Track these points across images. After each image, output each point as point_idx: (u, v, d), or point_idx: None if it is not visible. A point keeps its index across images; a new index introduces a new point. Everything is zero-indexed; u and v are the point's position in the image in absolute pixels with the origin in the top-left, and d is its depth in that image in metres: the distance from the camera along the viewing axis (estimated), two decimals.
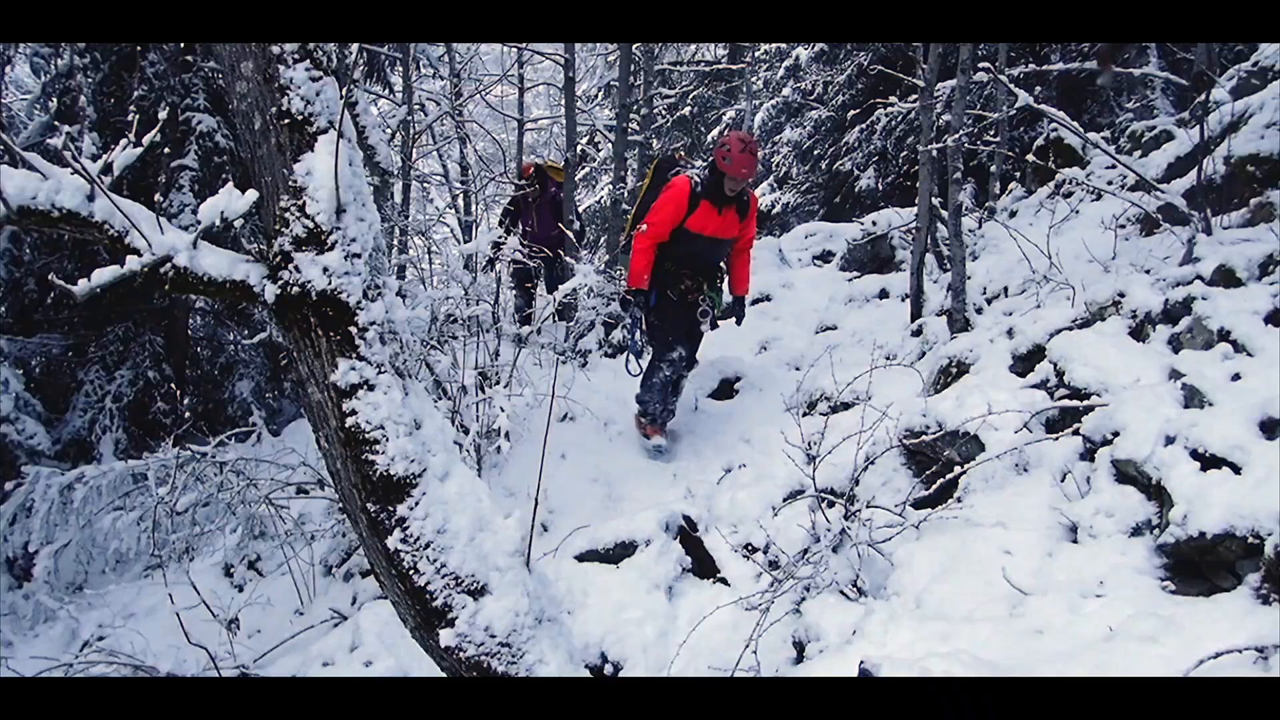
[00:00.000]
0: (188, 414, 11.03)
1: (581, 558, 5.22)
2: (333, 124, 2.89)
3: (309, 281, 2.86)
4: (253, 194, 2.77)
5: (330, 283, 2.88)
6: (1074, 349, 4.67)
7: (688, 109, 19.89)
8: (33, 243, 10.49)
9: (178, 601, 6.20)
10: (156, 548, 6.52)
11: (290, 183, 2.85)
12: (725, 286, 7.35)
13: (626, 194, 11.26)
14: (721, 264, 7.13)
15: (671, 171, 6.84)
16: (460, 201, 13.25)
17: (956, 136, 6.13)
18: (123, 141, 2.98)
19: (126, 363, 10.79)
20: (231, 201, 2.76)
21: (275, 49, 2.79)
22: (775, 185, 17.99)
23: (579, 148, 10.66)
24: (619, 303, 7.07)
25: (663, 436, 7.03)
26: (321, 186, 2.85)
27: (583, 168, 21.35)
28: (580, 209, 14.24)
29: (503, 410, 5.86)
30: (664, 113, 19.63)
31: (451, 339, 6.78)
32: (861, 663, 3.05)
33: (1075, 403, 4.35)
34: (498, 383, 6.61)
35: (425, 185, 14.16)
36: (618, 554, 5.19)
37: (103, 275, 2.73)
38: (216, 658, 5.78)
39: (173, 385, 10.81)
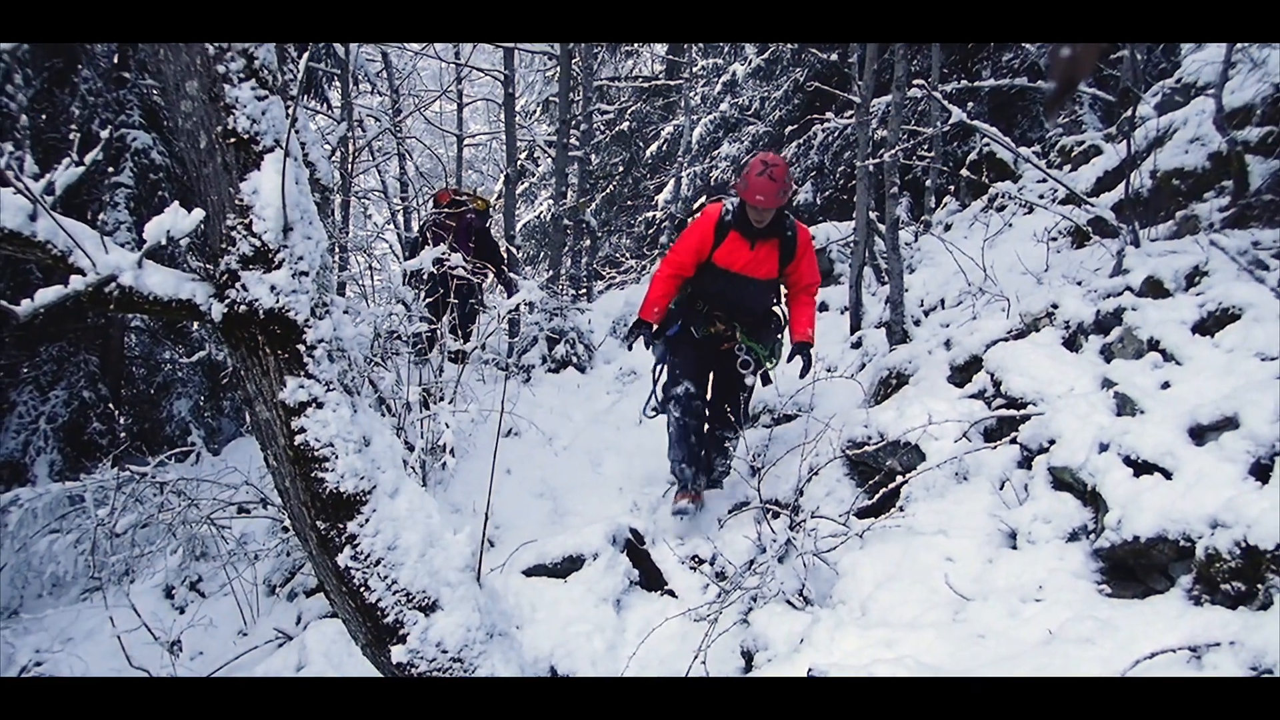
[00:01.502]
0: (124, 434, 10.86)
1: (529, 572, 5.22)
2: (279, 142, 2.90)
3: (256, 300, 2.87)
4: (199, 213, 2.77)
5: (278, 301, 2.88)
6: (1010, 359, 4.78)
7: (626, 124, 20.00)
8: None
9: (118, 625, 6.10)
10: (95, 570, 6.41)
11: (237, 201, 2.85)
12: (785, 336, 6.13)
13: (567, 209, 11.28)
14: (769, 310, 6.02)
15: (711, 199, 6.02)
16: (400, 217, 13.20)
17: (893, 151, 6.24)
18: (65, 160, 2.95)
19: (61, 383, 10.61)
20: (177, 220, 2.75)
21: (221, 68, 2.79)
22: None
23: (518, 163, 10.69)
24: (626, 335, 6.11)
25: (688, 500, 5.76)
26: (268, 205, 2.85)
27: (522, 183, 21.34)
28: (519, 225, 14.22)
29: (448, 426, 5.86)
30: (603, 128, 19.72)
31: (395, 355, 6.75)
32: (810, 670, 3.10)
33: (1012, 412, 4.46)
34: (442, 399, 6.60)
35: (364, 201, 14.06)
36: (565, 568, 5.19)
37: (46, 295, 2.71)
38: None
39: (109, 405, 10.64)
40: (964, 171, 9.10)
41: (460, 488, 6.62)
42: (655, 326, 5.82)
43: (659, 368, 6.08)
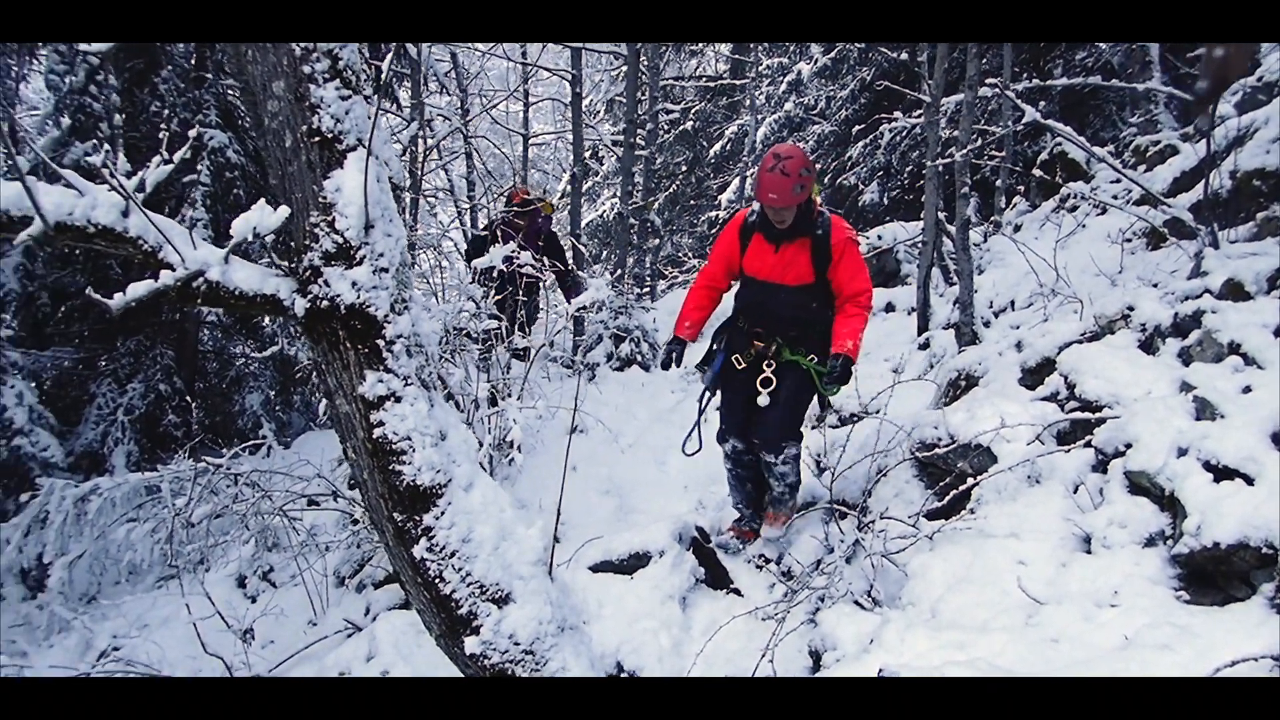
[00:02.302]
0: (198, 427, 11.09)
1: (596, 568, 5.26)
2: (361, 141, 2.96)
3: (338, 295, 2.92)
4: (285, 210, 2.83)
5: (359, 296, 2.94)
6: (1084, 362, 4.71)
7: (690, 124, 19.99)
8: (45, 257, 10.57)
9: (193, 612, 6.25)
10: (172, 559, 6.56)
11: (320, 199, 2.91)
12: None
13: (635, 207, 11.31)
14: (812, 319, 5.18)
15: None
16: (466, 216, 13.33)
17: (964, 151, 6.18)
18: (155, 158, 3.04)
19: (138, 376, 10.86)
20: (264, 217, 2.81)
21: (306, 68, 2.85)
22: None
23: (584, 162, 10.73)
24: (661, 354, 5.46)
25: (736, 536, 5.65)
26: (351, 203, 2.91)
27: (585, 182, 21.42)
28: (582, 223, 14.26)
29: (515, 423, 5.91)
30: (666, 127, 19.73)
31: (463, 352, 6.83)
32: (880, 671, 3.10)
33: (1087, 415, 4.40)
34: (509, 395, 6.66)
35: (430, 200, 14.23)
36: (631, 565, 5.22)
37: (137, 290, 2.78)
38: (232, 668, 5.83)
39: (184, 398, 10.87)
40: (1036, 171, 8.97)
41: (527, 484, 6.68)
42: (688, 342, 5.36)
43: (705, 398, 5.55)
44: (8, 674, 6.25)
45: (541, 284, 9.10)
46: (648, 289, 14.47)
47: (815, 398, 5.33)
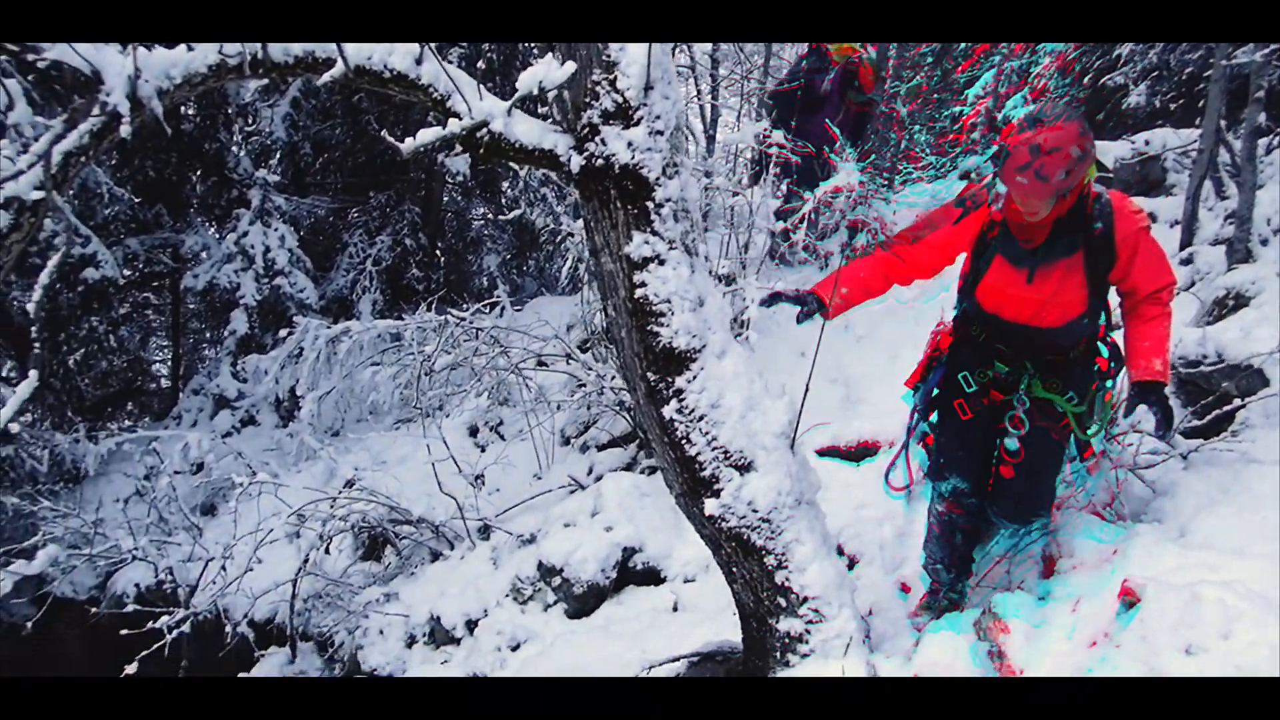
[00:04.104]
0: (438, 282, 11.65)
1: (822, 453, 5.28)
2: None
3: (613, 154, 2.97)
4: (571, 66, 2.87)
5: (633, 157, 2.98)
6: None
7: None
8: (309, 109, 11.18)
9: (431, 453, 6.63)
10: (416, 402, 6.96)
11: (604, 57, 2.95)
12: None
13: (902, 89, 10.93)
14: (1080, 344, 3.67)
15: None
16: (704, 103, 13.20)
17: (1266, 51, 5.67)
18: None
19: (386, 229, 11.46)
20: (550, 71, 2.86)
21: None
22: (1029, 99, 17.14)
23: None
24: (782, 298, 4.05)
25: (930, 613, 4.15)
26: (634, 62, 2.93)
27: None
28: None
29: (751, 301, 5.92)
30: None
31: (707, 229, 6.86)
32: (1125, 582, 3.00)
33: None
34: (746, 275, 6.67)
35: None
36: (859, 454, 5.22)
37: (426, 135, 2.90)
38: (464, 508, 6.19)
39: (437, 253, 11.41)
40: None
41: (755, 365, 6.72)
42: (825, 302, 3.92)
43: (914, 420, 4.14)
44: (265, 491, 6.82)
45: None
46: (887, 181, 14.04)
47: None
